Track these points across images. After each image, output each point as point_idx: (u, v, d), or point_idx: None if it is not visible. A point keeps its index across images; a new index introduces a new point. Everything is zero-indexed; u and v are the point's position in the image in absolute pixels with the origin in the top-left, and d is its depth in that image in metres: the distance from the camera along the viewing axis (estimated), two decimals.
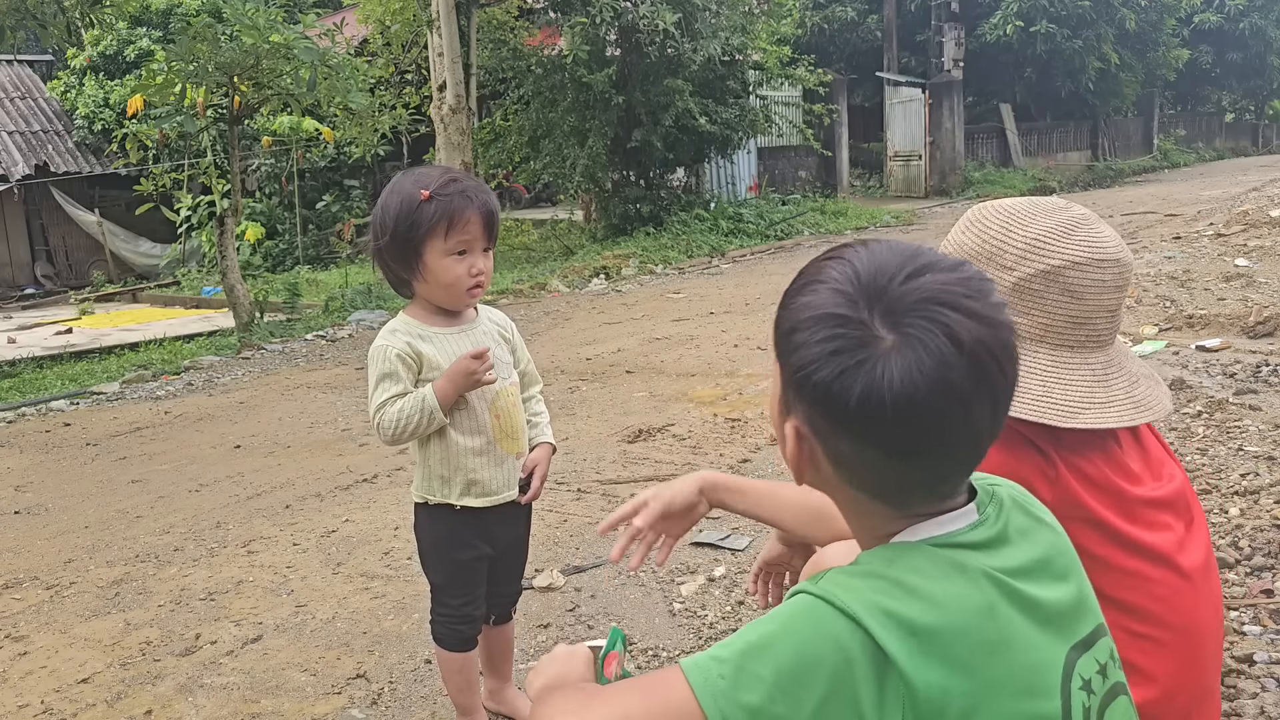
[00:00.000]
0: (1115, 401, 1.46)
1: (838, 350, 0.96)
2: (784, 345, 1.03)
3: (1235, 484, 3.40)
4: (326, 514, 4.06)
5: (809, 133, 15.12)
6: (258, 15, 9.00)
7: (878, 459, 0.99)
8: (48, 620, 3.25)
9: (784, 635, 0.95)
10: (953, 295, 0.97)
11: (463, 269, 2.06)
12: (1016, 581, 1.01)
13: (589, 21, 12.35)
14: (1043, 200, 1.54)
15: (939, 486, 1.04)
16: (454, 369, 2.07)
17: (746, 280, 10.26)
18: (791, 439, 1.04)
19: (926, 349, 0.94)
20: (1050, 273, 1.45)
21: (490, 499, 2.17)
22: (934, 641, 0.94)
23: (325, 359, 7.93)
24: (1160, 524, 1.48)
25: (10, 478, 5.09)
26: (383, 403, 2.06)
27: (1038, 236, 1.47)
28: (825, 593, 0.97)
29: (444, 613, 2.23)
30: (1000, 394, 0.99)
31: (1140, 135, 27.59)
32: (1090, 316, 1.47)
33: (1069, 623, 1.06)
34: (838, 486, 1.06)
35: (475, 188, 2.07)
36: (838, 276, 1.01)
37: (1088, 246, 1.46)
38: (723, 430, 4.80)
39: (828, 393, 0.97)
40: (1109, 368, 1.49)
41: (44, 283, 18.03)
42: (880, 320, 0.96)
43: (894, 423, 0.95)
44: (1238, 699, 2.15)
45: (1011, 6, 21.39)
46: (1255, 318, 5.63)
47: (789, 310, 1.03)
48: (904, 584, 0.96)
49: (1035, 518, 1.11)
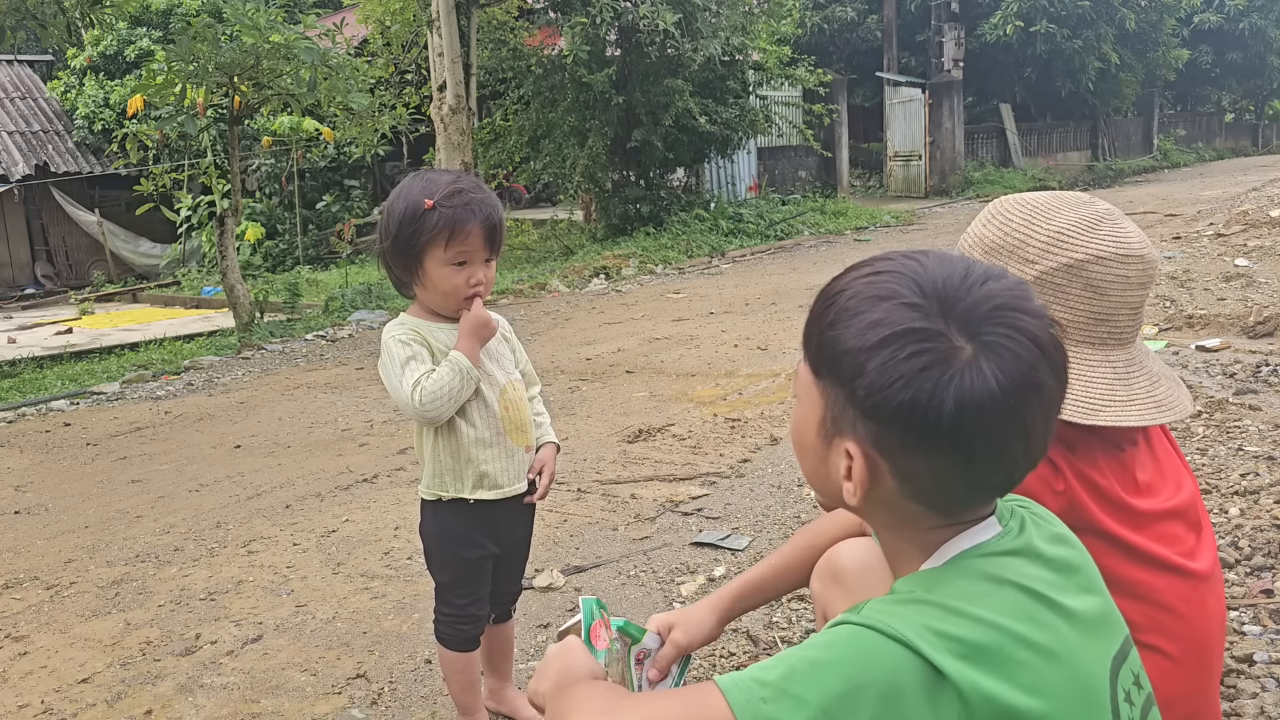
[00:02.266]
0: (1137, 400, 1.44)
1: (927, 366, 0.95)
2: (845, 367, 1.00)
3: (1235, 484, 3.40)
4: (326, 514, 4.06)
5: (809, 133, 15.11)
6: (258, 15, 9.01)
7: (953, 469, 0.99)
8: (48, 620, 3.24)
9: (830, 661, 0.94)
10: (1019, 300, 0.99)
11: (461, 279, 2.07)
12: (1051, 592, 1.01)
13: (589, 21, 12.36)
14: (1066, 194, 1.52)
15: (999, 491, 1.06)
16: (466, 325, 2.08)
17: (746, 280, 10.26)
18: (857, 461, 1.01)
19: (1013, 354, 0.96)
20: (1074, 266, 1.43)
21: (501, 491, 2.17)
22: (990, 657, 0.94)
23: (325, 359, 7.93)
24: (1169, 535, 1.46)
25: (10, 478, 5.09)
26: (417, 380, 2.04)
27: (1061, 230, 1.45)
28: (870, 620, 0.96)
29: (448, 612, 2.23)
30: (1064, 391, 1.03)
31: (1140, 135, 27.59)
32: (1113, 313, 1.45)
33: (1106, 633, 1.06)
34: (894, 503, 1.04)
35: (480, 200, 2.06)
36: (900, 290, 0.99)
37: (1112, 241, 1.44)
38: (723, 430, 4.80)
39: (913, 410, 0.95)
40: (1130, 366, 1.47)
41: (44, 283, 18.04)
42: (958, 330, 0.96)
43: (983, 430, 0.96)
44: (1238, 699, 2.15)
45: (1011, 6, 21.39)
46: (1255, 318, 5.63)
47: (846, 330, 1.00)
48: (949, 607, 0.96)
49: (1054, 533, 1.11)
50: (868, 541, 1.49)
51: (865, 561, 1.46)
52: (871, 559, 1.46)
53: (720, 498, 3.88)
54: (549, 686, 1.17)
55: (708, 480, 4.09)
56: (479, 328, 2.10)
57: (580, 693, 1.11)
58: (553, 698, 1.15)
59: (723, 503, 3.82)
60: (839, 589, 1.49)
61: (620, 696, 1.09)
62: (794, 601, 2.85)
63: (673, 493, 3.96)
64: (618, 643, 1.42)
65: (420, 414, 2.06)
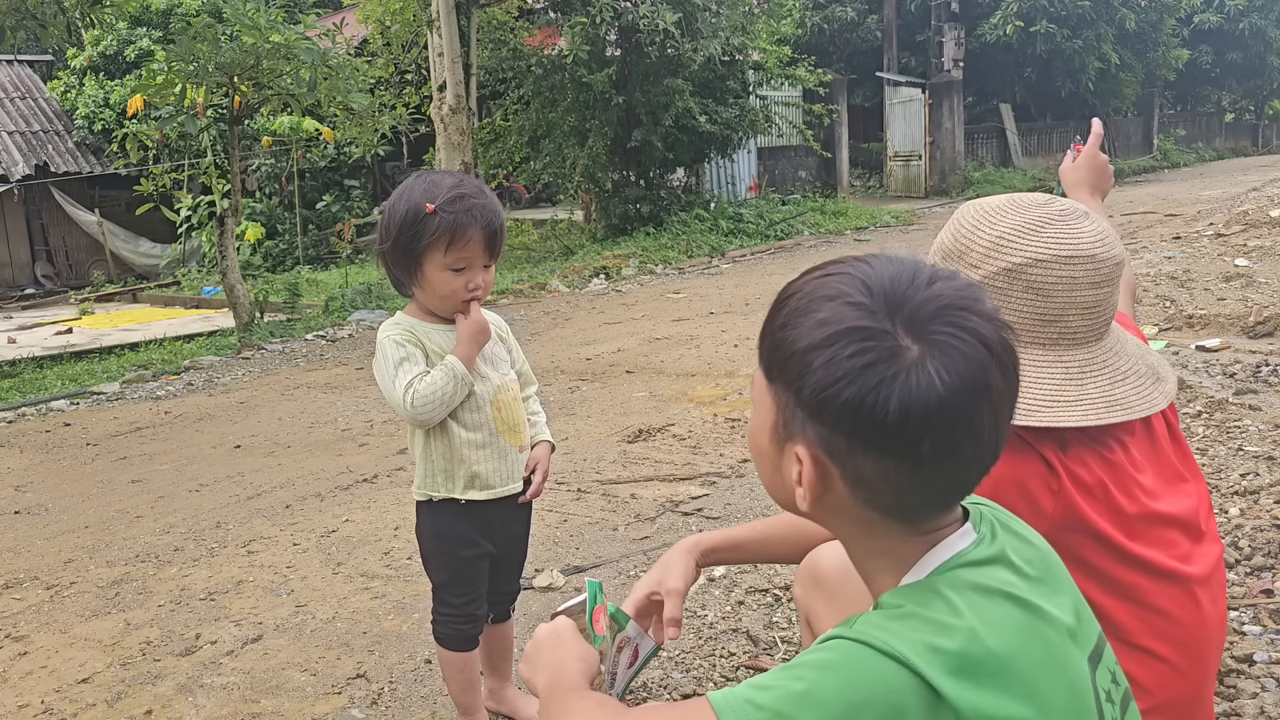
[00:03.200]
0: (1085, 400, 1.43)
1: (871, 363, 0.94)
2: (793, 368, 0.99)
3: (1235, 484, 3.40)
4: (326, 514, 4.06)
5: (809, 133, 15.12)
6: (258, 15, 9.01)
7: (902, 472, 0.97)
8: (48, 620, 3.24)
9: (825, 681, 0.93)
10: (967, 301, 0.98)
11: (459, 283, 2.07)
12: (1034, 598, 1.00)
13: (589, 21, 12.35)
14: (1023, 196, 1.52)
15: (955, 496, 1.04)
16: (464, 330, 2.09)
17: (746, 280, 10.26)
18: (806, 465, 1.01)
19: (960, 354, 0.95)
20: (1013, 270, 1.44)
21: (493, 492, 2.18)
22: (985, 670, 0.93)
23: (325, 359, 7.93)
24: (1163, 539, 1.45)
25: (10, 478, 5.09)
26: (409, 382, 2.05)
27: (1001, 235, 1.46)
28: (865, 636, 0.94)
29: (446, 612, 2.23)
30: (1015, 393, 1.01)
31: (1140, 135, 27.59)
32: (1060, 314, 1.44)
33: (1081, 635, 1.05)
34: (849, 510, 1.03)
35: (481, 205, 2.06)
36: (847, 290, 0.98)
37: (1055, 244, 1.43)
38: (723, 430, 4.80)
39: (859, 409, 0.94)
40: (1087, 366, 1.46)
41: (44, 283, 18.04)
42: (904, 330, 0.95)
43: (931, 430, 0.94)
44: (1238, 699, 2.15)
45: (1011, 6, 21.39)
46: (1255, 318, 5.62)
47: (795, 330, 0.99)
48: (941, 622, 0.95)
49: (1019, 534, 1.10)
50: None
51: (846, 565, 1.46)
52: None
53: (720, 498, 3.88)
54: (541, 681, 1.18)
55: (708, 480, 4.09)
56: (478, 332, 2.11)
57: (573, 707, 1.11)
58: (547, 696, 1.15)
59: (723, 503, 3.82)
60: (821, 593, 1.49)
61: (614, 714, 1.08)
62: (794, 602, 2.85)
63: (673, 493, 3.96)
64: (610, 631, 1.42)
65: (411, 416, 2.07)
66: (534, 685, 1.20)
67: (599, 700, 1.14)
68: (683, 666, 2.59)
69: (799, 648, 2.63)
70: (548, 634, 1.24)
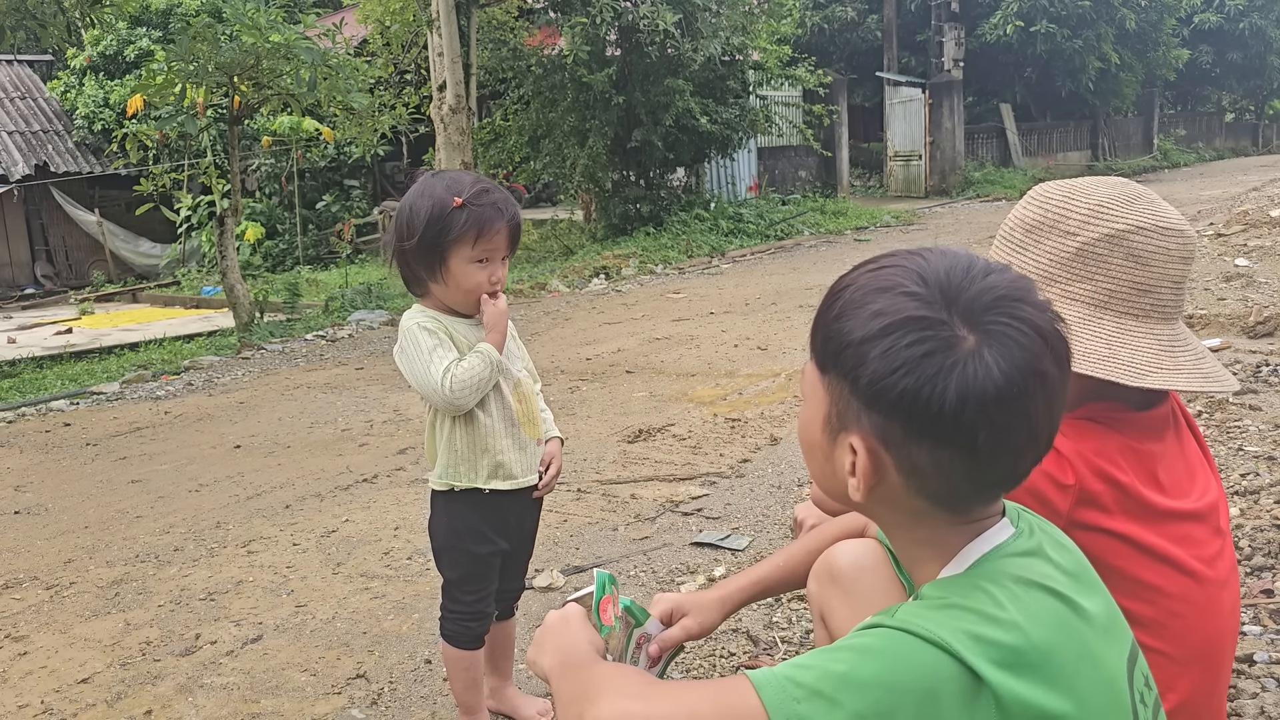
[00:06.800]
0: (1184, 370, 1.45)
1: (929, 353, 0.95)
2: (849, 358, 1.00)
3: (1235, 484, 3.40)
4: (326, 514, 4.06)
5: (809, 133, 15.11)
6: (258, 15, 9.01)
7: (957, 460, 0.98)
8: (48, 620, 3.24)
9: (865, 665, 0.93)
10: (1021, 291, 1.00)
11: (483, 276, 2.10)
12: (1071, 594, 1.01)
13: (589, 21, 12.36)
14: (1104, 177, 1.56)
15: (1006, 485, 1.05)
16: (490, 317, 2.13)
17: (746, 280, 10.25)
18: (860, 455, 1.02)
19: (1016, 343, 0.96)
20: (1115, 236, 1.45)
21: (515, 482, 2.19)
22: (1026, 661, 0.94)
23: (325, 359, 7.93)
24: (1190, 537, 1.45)
25: (10, 478, 5.09)
26: (446, 367, 2.06)
27: (1100, 203, 1.47)
28: (907, 624, 0.95)
29: (456, 609, 2.23)
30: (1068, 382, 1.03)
31: (1140, 135, 27.60)
32: (1155, 285, 1.46)
33: (1118, 635, 1.06)
34: (901, 499, 1.04)
35: (505, 200, 2.11)
36: (903, 281, 1.00)
37: (1151, 215, 1.46)
38: (723, 430, 4.80)
39: (916, 398, 0.96)
40: (1175, 340, 1.47)
41: (44, 283, 18.04)
42: (960, 320, 0.97)
43: (987, 419, 0.95)
44: (1238, 699, 2.15)
45: (1011, 6, 21.40)
46: (1255, 318, 5.62)
47: (850, 322, 1.01)
48: (985, 613, 0.96)
49: (1053, 534, 1.11)
50: (864, 542, 1.50)
51: (860, 562, 1.46)
52: (867, 560, 1.46)
53: (720, 498, 3.88)
54: (551, 662, 1.18)
55: (708, 480, 4.09)
56: (504, 318, 2.15)
57: (604, 675, 1.10)
58: (562, 674, 1.15)
59: (723, 503, 3.82)
60: (836, 589, 1.49)
61: (649, 683, 1.07)
62: (794, 601, 2.86)
63: (673, 493, 3.96)
64: (620, 622, 1.42)
65: (448, 400, 2.07)
66: (541, 667, 1.20)
67: (632, 670, 1.14)
68: (682, 666, 2.59)
69: (799, 648, 2.63)
70: (556, 619, 1.25)
